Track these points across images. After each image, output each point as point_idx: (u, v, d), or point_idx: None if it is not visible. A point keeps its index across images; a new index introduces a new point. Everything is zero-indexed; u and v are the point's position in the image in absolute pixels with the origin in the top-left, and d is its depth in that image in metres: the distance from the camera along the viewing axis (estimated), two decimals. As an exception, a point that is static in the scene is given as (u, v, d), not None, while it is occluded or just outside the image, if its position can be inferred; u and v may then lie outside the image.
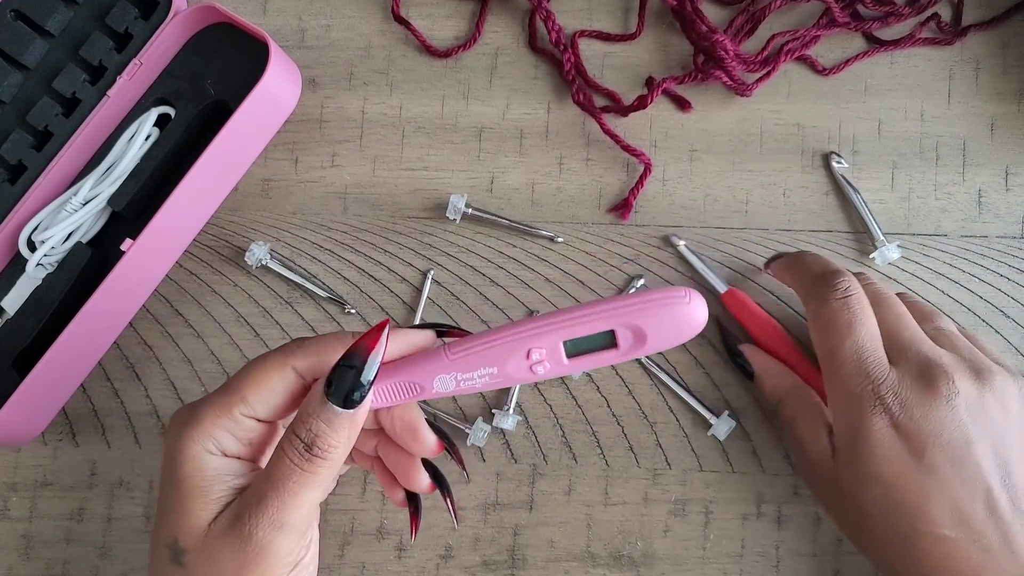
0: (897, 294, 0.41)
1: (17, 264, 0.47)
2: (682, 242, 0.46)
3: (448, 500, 0.36)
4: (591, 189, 0.47)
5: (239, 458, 0.34)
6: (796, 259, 0.41)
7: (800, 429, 0.39)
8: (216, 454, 0.33)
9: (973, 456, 0.34)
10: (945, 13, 0.48)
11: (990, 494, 0.34)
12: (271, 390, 0.33)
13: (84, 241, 0.46)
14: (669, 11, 0.48)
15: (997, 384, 0.36)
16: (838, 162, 0.47)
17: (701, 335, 0.45)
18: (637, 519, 0.44)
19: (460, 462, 0.36)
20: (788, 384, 0.41)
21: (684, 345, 0.45)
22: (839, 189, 0.47)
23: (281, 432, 0.35)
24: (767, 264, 0.44)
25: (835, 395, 0.37)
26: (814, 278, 0.39)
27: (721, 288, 0.45)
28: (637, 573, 0.44)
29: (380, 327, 0.31)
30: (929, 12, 0.47)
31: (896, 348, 0.37)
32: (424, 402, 0.46)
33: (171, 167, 0.47)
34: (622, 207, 0.47)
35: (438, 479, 0.36)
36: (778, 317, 0.45)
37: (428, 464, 0.36)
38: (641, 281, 0.46)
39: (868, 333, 0.36)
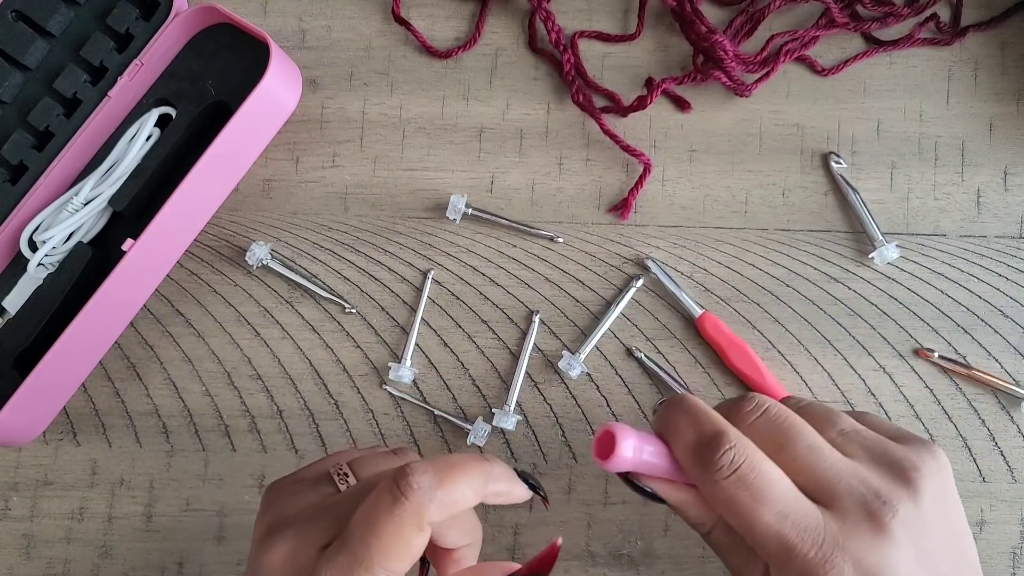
0: (786, 400, 0.36)
1: (18, 264, 0.47)
2: (657, 267, 0.46)
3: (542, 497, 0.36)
4: (591, 189, 0.48)
5: None
6: (668, 423, 0.34)
7: (736, 562, 0.34)
8: None
9: None
10: (944, 14, 0.48)
11: None
12: (410, 555, 0.30)
13: (85, 241, 0.46)
14: (668, 12, 0.48)
15: (926, 478, 0.32)
16: (837, 162, 0.47)
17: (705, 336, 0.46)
18: (637, 518, 0.44)
19: (546, 501, 0.36)
20: (715, 514, 0.34)
21: (684, 345, 0.46)
22: (838, 189, 0.47)
23: None
24: (655, 413, 0.36)
25: (776, 567, 0.31)
26: (692, 451, 0.32)
27: (695, 312, 0.45)
28: (637, 572, 0.44)
29: (553, 553, 0.32)
30: (928, 13, 0.48)
31: (821, 487, 0.31)
32: (424, 400, 0.46)
33: (172, 167, 0.47)
34: (622, 207, 0.47)
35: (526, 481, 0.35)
36: (750, 341, 0.45)
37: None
38: (640, 281, 0.46)
39: (779, 496, 0.30)
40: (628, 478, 0.34)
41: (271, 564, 0.31)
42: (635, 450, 0.32)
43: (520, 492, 0.34)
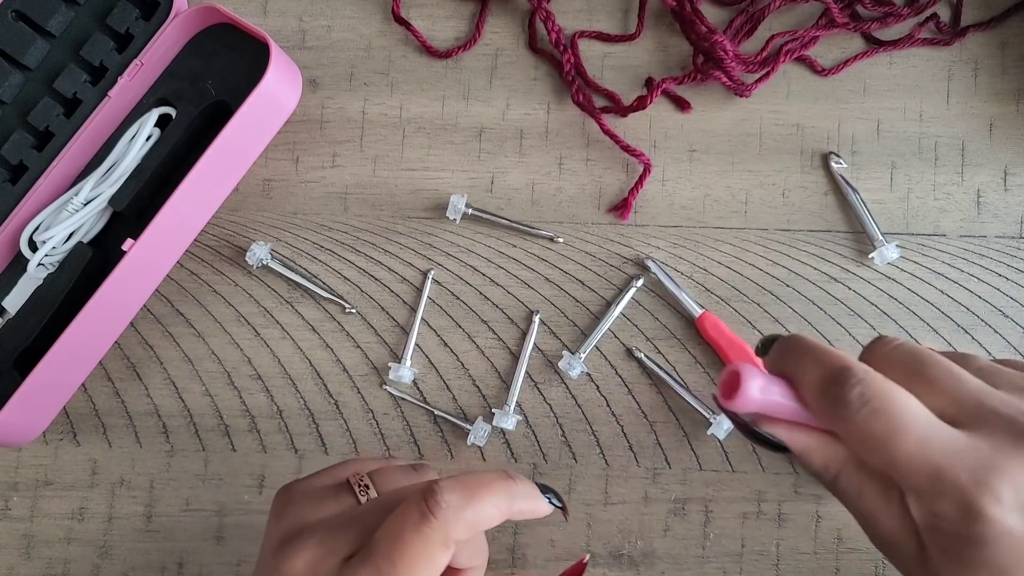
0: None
1: (18, 264, 0.47)
2: (657, 267, 0.46)
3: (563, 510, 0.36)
4: (591, 189, 0.48)
5: None
6: (790, 364, 0.32)
7: (869, 505, 0.32)
8: None
9: None
10: (944, 14, 0.48)
11: None
12: (433, 572, 0.30)
13: (85, 241, 0.46)
14: (668, 12, 0.48)
15: None
16: (837, 162, 0.47)
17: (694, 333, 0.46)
18: (637, 518, 0.44)
19: (565, 512, 0.36)
20: (842, 456, 0.32)
21: (684, 345, 0.46)
22: (838, 189, 0.47)
23: None
24: (758, 352, 0.35)
25: (923, 498, 0.29)
26: (819, 390, 0.31)
27: (695, 312, 0.45)
28: (637, 572, 0.44)
29: (580, 569, 0.32)
30: (928, 13, 0.48)
31: (964, 410, 0.29)
32: (424, 400, 0.46)
33: (172, 167, 0.47)
34: (621, 207, 0.47)
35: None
36: (750, 341, 0.45)
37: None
38: (640, 281, 0.46)
39: (917, 422, 0.29)
40: (749, 427, 0.33)
41: (291, 572, 0.31)
42: (761, 390, 0.31)
43: (543, 508, 0.33)
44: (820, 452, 0.32)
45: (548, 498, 0.34)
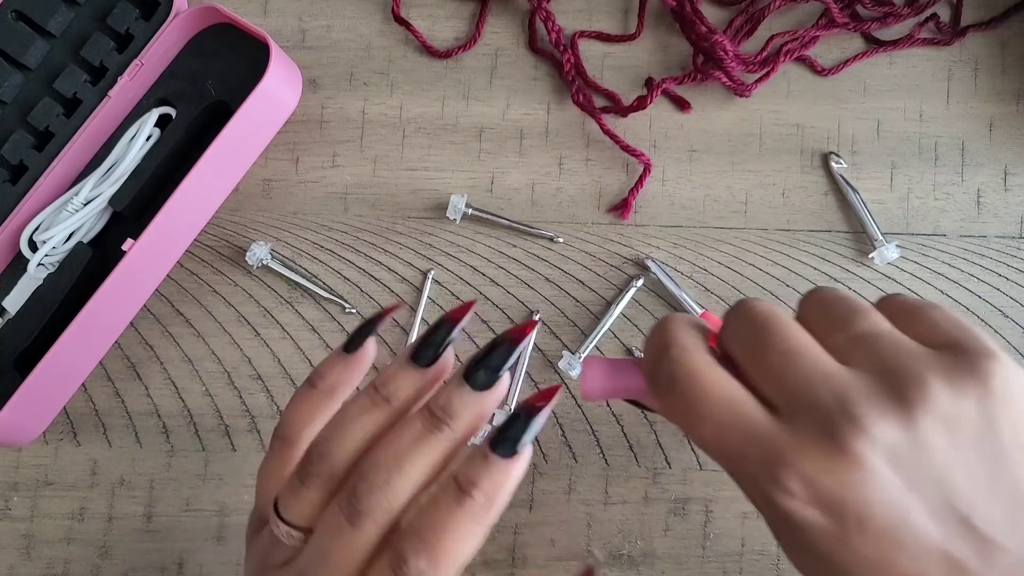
0: (816, 291, 0.30)
1: (18, 264, 0.47)
2: (657, 267, 0.46)
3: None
4: (591, 189, 0.48)
5: None
6: (647, 343, 0.31)
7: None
8: None
9: (913, 528, 0.25)
10: (944, 14, 0.48)
11: (949, 556, 0.25)
12: None
13: (85, 241, 0.47)
14: (668, 12, 0.48)
15: (931, 399, 0.25)
16: (837, 162, 0.47)
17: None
18: (637, 518, 0.44)
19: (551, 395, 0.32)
20: None
21: (684, 345, 0.46)
22: (838, 189, 0.47)
23: None
24: None
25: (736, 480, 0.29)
26: (646, 369, 0.30)
27: (695, 312, 0.45)
28: (637, 572, 0.44)
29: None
30: (928, 13, 0.48)
31: (784, 397, 0.27)
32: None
33: (172, 167, 0.47)
34: (622, 207, 0.47)
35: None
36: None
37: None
38: (640, 281, 0.46)
39: (716, 407, 0.27)
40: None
41: None
42: (601, 381, 0.32)
43: (519, 472, 0.29)
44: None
45: (507, 441, 0.30)
